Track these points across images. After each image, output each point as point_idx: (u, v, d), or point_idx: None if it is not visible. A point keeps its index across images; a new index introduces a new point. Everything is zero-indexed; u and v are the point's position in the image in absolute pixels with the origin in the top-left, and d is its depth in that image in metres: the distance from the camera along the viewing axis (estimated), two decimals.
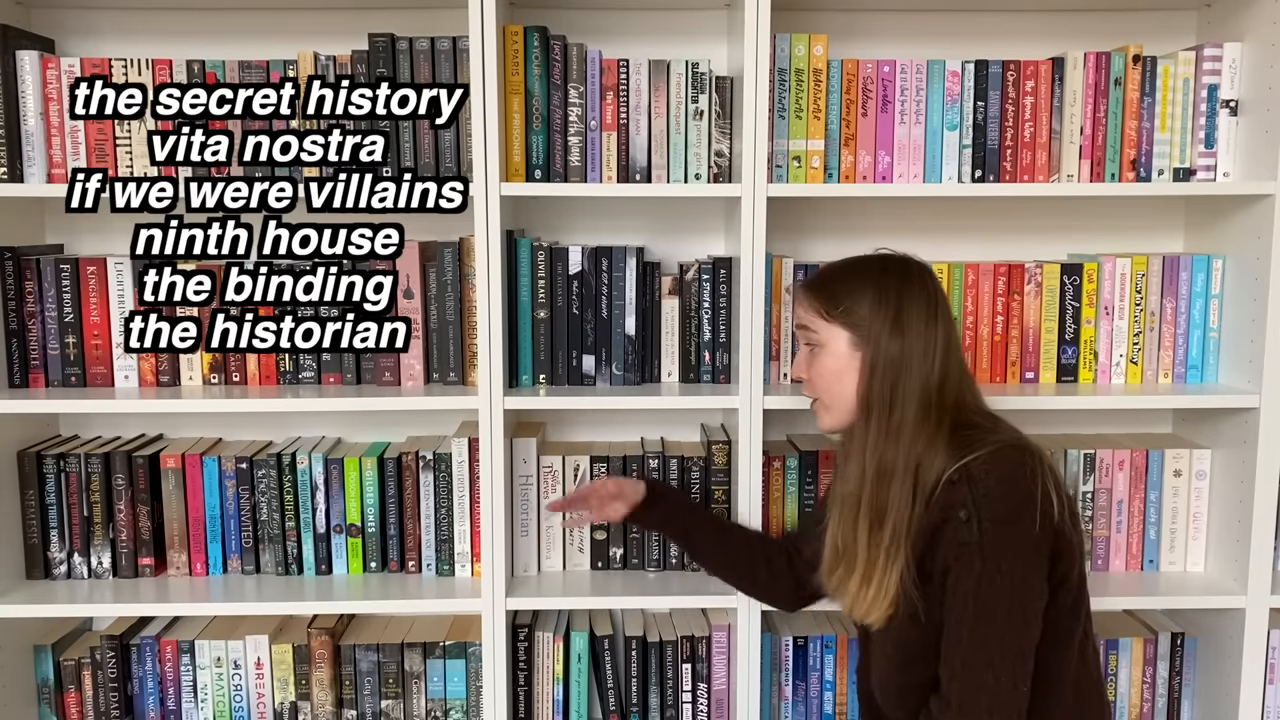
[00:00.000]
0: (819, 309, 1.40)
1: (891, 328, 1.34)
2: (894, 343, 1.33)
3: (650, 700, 1.85)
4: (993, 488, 1.25)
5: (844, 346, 1.38)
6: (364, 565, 1.84)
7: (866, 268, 1.40)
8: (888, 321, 1.34)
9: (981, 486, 1.26)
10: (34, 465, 1.79)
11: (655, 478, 1.81)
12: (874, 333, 1.35)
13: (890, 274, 1.37)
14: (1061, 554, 1.28)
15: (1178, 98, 1.77)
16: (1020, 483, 1.25)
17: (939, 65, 1.75)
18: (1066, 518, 1.28)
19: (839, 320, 1.38)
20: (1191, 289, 1.83)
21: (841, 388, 1.38)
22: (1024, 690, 1.25)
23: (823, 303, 1.40)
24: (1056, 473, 1.30)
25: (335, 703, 1.86)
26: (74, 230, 1.93)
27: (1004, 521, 1.25)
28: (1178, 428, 2.01)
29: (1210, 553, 1.87)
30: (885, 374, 1.34)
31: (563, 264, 1.77)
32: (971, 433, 1.33)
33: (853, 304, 1.36)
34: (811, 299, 1.42)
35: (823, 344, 1.40)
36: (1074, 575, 1.31)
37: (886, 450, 1.33)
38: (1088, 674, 1.37)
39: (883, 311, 1.35)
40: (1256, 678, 1.77)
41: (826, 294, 1.40)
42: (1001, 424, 1.38)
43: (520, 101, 1.71)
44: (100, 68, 1.70)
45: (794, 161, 1.75)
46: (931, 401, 1.33)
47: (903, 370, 1.33)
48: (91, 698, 1.85)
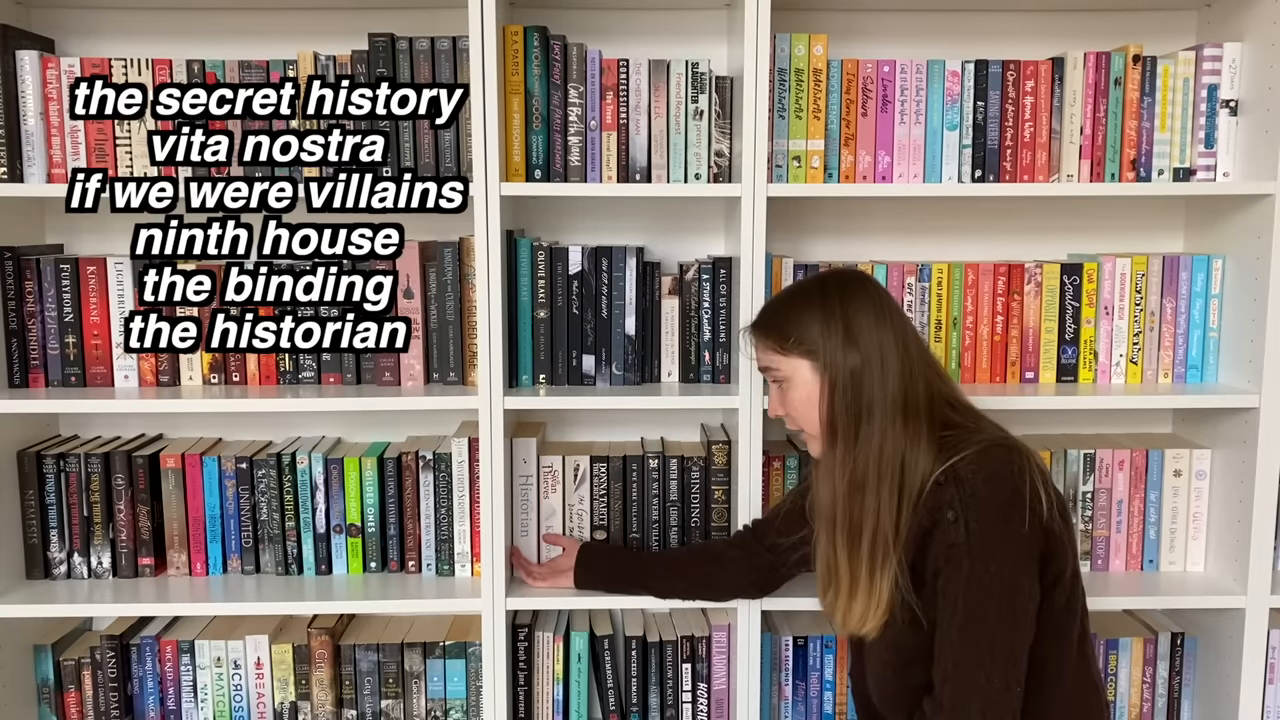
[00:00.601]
0: (773, 346, 1.41)
1: (844, 342, 1.35)
2: (850, 356, 1.35)
3: (650, 700, 1.85)
4: (979, 488, 1.26)
5: (808, 374, 1.38)
6: (364, 565, 1.84)
7: (807, 293, 1.42)
8: (838, 337, 1.35)
9: (968, 487, 1.26)
10: (34, 465, 1.79)
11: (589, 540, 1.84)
12: (829, 352, 1.36)
13: (830, 291, 1.39)
14: (1054, 553, 1.28)
15: (1178, 98, 1.77)
16: (1007, 481, 1.26)
17: (939, 65, 1.75)
18: (1056, 515, 1.28)
19: (795, 352, 1.38)
20: (1191, 289, 1.83)
21: (817, 414, 1.39)
22: (1017, 691, 1.25)
23: (775, 339, 1.41)
24: (1044, 470, 1.30)
25: (335, 703, 1.86)
26: (74, 230, 1.93)
27: (992, 521, 1.25)
28: (1178, 428, 2.01)
29: (1210, 553, 1.87)
30: (845, 389, 1.35)
31: (563, 264, 1.77)
32: (955, 433, 1.33)
33: (802, 332, 1.37)
34: (764, 338, 1.43)
35: (788, 378, 1.41)
36: (1067, 573, 1.31)
37: (856, 463, 1.34)
38: (1086, 672, 1.37)
39: (831, 329, 1.36)
40: (1256, 678, 1.77)
41: (776, 329, 1.41)
42: (984, 420, 1.38)
43: (520, 101, 1.71)
44: (100, 68, 1.70)
45: (794, 161, 1.75)
46: (901, 402, 1.33)
47: (864, 379, 1.34)
48: (91, 698, 1.85)
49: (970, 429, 1.34)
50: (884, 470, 1.32)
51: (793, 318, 1.39)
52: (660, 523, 1.84)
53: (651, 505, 1.84)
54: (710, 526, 1.81)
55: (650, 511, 1.84)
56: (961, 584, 1.25)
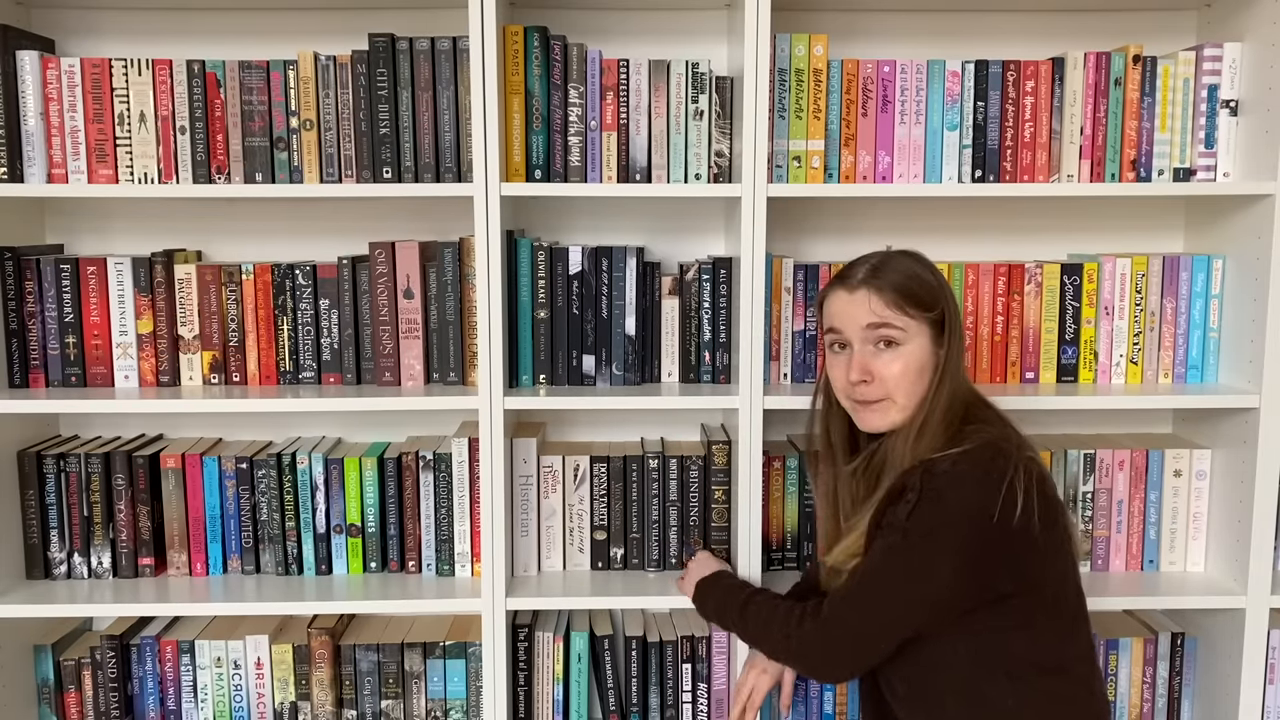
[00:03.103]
0: (906, 306, 1.40)
1: (958, 330, 1.42)
2: (958, 343, 1.41)
3: (650, 700, 1.85)
4: (942, 483, 1.30)
5: (928, 343, 1.40)
6: (364, 565, 1.84)
7: (931, 269, 1.45)
8: (958, 323, 1.42)
9: (936, 478, 1.30)
10: (34, 465, 1.79)
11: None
12: (951, 333, 1.41)
13: (941, 276, 1.45)
14: (1024, 554, 1.30)
15: (1178, 98, 1.77)
16: (974, 483, 1.29)
17: (939, 65, 1.75)
18: (1036, 521, 1.28)
19: (922, 318, 1.40)
20: (1191, 289, 1.83)
21: (923, 384, 1.40)
22: (871, 656, 1.37)
23: (912, 301, 1.41)
24: (1037, 476, 1.30)
25: (335, 703, 1.86)
26: (74, 230, 1.94)
27: (937, 512, 1.29)
28: (1178, 428, 2.01)
29: (1210, 553, 1.87)
30: (947, 374, 1.39)
31: (563, 264, 1.77)
32: (970, 428, 1.36)
33: (937, 303, 1.41)
34: (898, 297, 1.41)
35: (907, 340, 1.40)
36: (1049, 574, 1.32)
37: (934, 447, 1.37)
38: (1092, 679, 1.38)
39: (954, 312, 1.42)
40: (1256, 678, 1.77)
41: (909, 289, 1.41)
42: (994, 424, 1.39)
43: (520, 101, 1.71)
44: (100, 68, 1.70)
45: (794, 161, 1.75)
46: (957, 400, 1.39)
47: (957, 370, 1.41)
48: (91, 698, 1.85)
49: (970, 432, 1.36)
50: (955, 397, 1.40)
51: (930, 285, 1.42)
52: (660, 523, 1.84)
53: (651, 505, 1.84)
54: (710, 526, 1.81)
55: (650, 511, 1.84)
56: (882, 549, 1.34)
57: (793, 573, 1.86)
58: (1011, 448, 1.32)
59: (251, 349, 1.81)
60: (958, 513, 1.28)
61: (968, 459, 1.31)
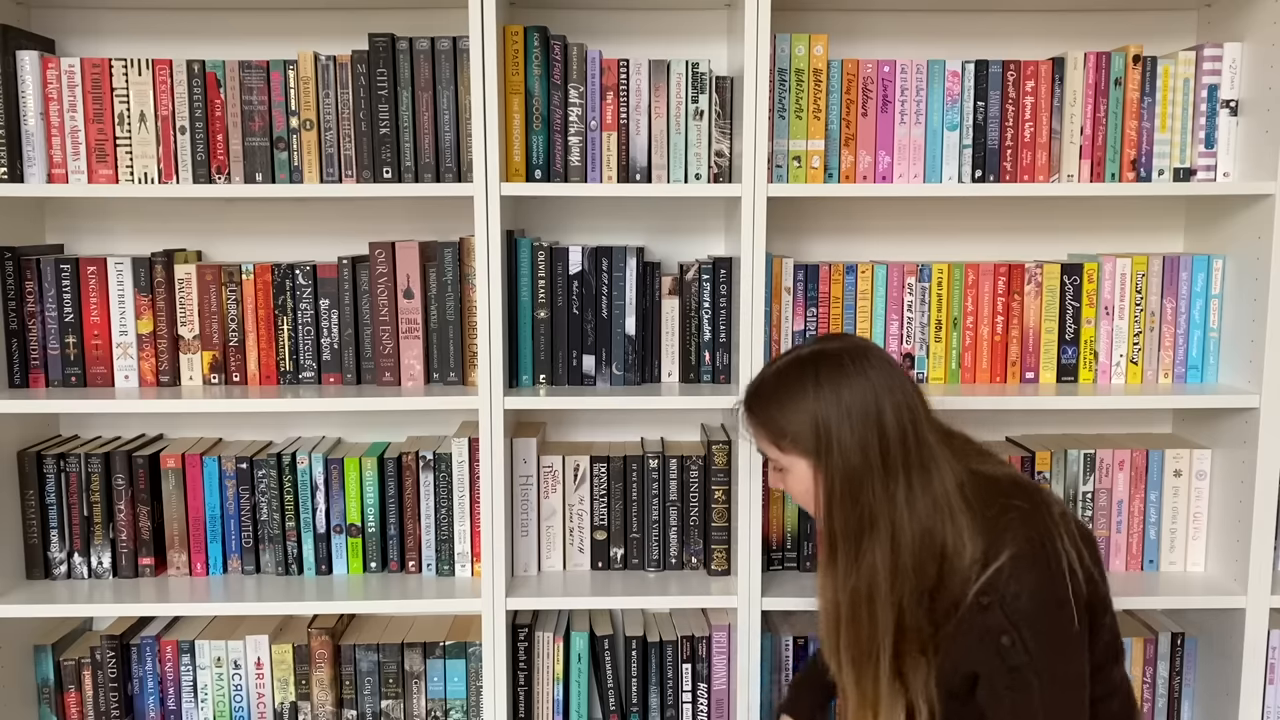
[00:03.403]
0: (768, 438, 1.35)
1: (839, 443, 1.27)
2: (847, 458, 1.27)
3: (650, 700, 1.85)
4: (1026, 606, 1.22)
5: (805, 470, 1.32)
6: (364, 565, 1.84)
7: (800, 380, 1.31)
8: (833, 437, 1.27)
9: (1014, 606, 1.22)
10: (34, 465, 1.79)
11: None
12: (823, 455, 1.28)
13: (823, 381, 1.29)
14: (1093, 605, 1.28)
15: (1178, 98, 1.77)
16: (1050, 589, 1.23)
17: (939, 65, 1.75)
18: (1082, 580, 1.24)
19: (791, 450, 1.32)
20: (1191, 289, 1.83)
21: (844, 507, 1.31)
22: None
23: (769, 433, 1.34)
24: (1066, 524, 1.26)
25: (335, 703, 1.86)
26: (74, 230, 1.94)
27: (1048, 636, 1.23)
28: (1178, 428, 2.01)
29: (1210, 553, 1.87)
30: (844, 497, 1.28)
31: (563, 264, 1.77)
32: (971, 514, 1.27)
33: (796, 429, 1.30)
34: (758, 428, 1.36)
35: (786, 469, 1.35)
36: (1106, 614, 1.32)
37: (859, 578, 1.28)
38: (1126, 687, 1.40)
39: (825, 428, 1.27)
40: (1256, 678, 1.77)
41: (771, 426, 1.33)
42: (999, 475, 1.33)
43: (520, 101, 1.71)
44: (100, 68, 1.70)
45: (794, 161, 1.75)
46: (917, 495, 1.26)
47: (864, 484, 1.27)
48: (91, 698, 1.85)
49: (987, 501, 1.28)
50: (894, 584, 1.27)
51: (786, 410, 1.31)
52: (660, 523, 1.84)
53: (651, 505, 1.84)
54: (710, 526, 1.81)
55: (650, 511, 1.84)
56: (1037, 700, 1.23)
57: (793, 572, 1.86)
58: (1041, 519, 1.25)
59: (251, 349, 1.81)
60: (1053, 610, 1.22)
61: (1027, 570, 1.22)
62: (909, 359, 1.83)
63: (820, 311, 1.81)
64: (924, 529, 1.26)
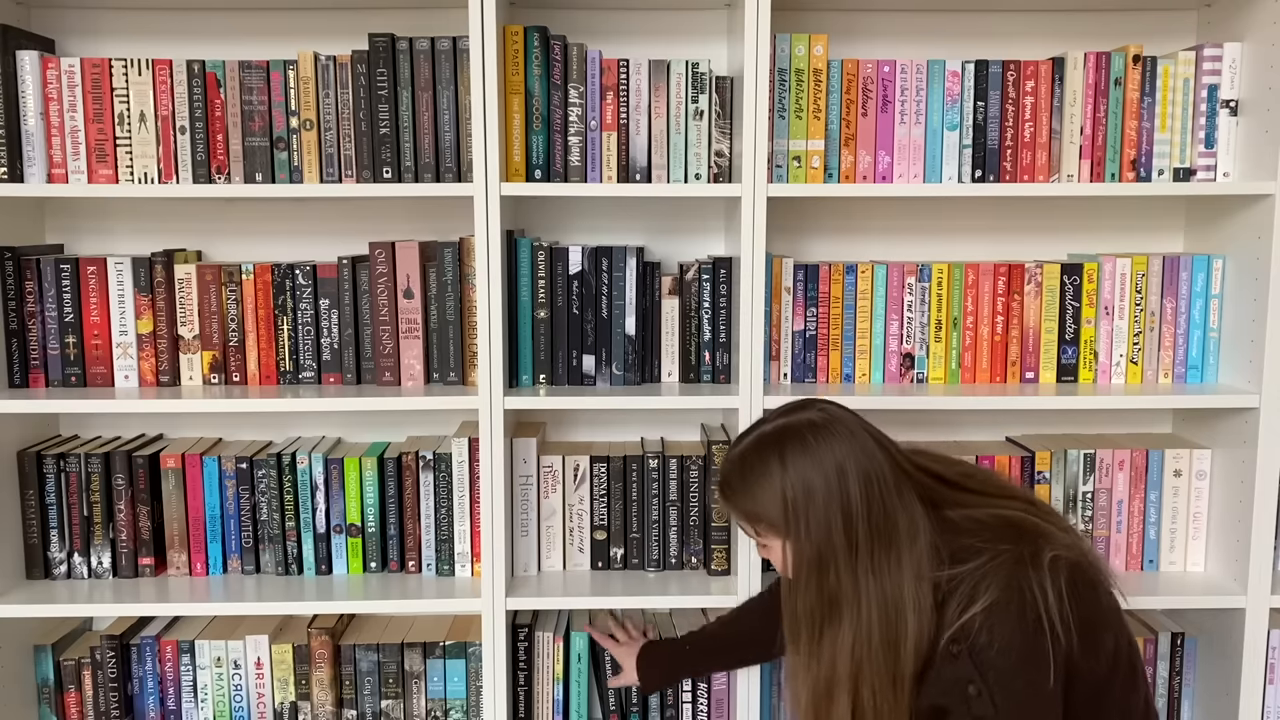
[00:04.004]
0: (743, 520, 1.37)
1: (803, 527, 1.27)
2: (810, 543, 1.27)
3: (650, 700, 1.85)
4: (996, 659, 1.19)
5: (784, 548, 1.33)
6: (364, 565, 1.84)
7: (766, 464, 1.30)
8: (798, 522, 1.28)
9: (985, 658, 1.20)
10: (34, 465, 1.79)
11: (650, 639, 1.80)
12: (797, 539, 1.28)
13: (788, 463, 1.29)
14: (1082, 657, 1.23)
15: (1178, 98, 1.77)
16: (1023, 640, 1.19)
17: (939, 65, 1.75)
18: (1074, 630, 1.20)
19: (767, 531, 1.33)
20: (1191, 289, 1.83)
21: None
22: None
23: (744, 516, 1.36)
24: (1057, 575, 1.20)
25: (335, 703, 1.86)
26: (74, 230, 1.94)
27: (1019, 689, 1.20)
28: (1178, 428, 2.01)
29: (1210, 553, 1.87)
30: (808, 583, 1.28)
31: (563, 264, 1.77)
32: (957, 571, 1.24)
33: (767, 513, 1.31)
34: (734, 512, 1.37)
35: (766, 545, 1.37)
36: (1107, 654, 1.25)
37: (821, 666, 1.29)
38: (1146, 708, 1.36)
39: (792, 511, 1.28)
40: (1256, 678, 1.77)
41: (742, 510, 1.35)
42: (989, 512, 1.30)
43: (520, 101, 1.71)
44: (100, 68, 1.70)
45: (794, 161, 1.75)
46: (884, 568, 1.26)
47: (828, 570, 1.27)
48: (91, 698, 1.85)
49: (972, 549, 1.25)
50: (855, 671, 1.26)
51: (754, 494, 1.31)
52: (660, 523, 1.84)
53: (651, 505, 1.84)
54: (710, 526, 1.81)
55: (650, 511, 1.84)
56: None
57: None
58: (1025, 562, 1.21)
59: (251, 349, 1.81)
60: (1026, 665, 1.19)
61: (1001, 622, 1.19)
62: (909, 359, 1.83)
63: (820, 311, 1.81)
64: (894, 606, 1.25)
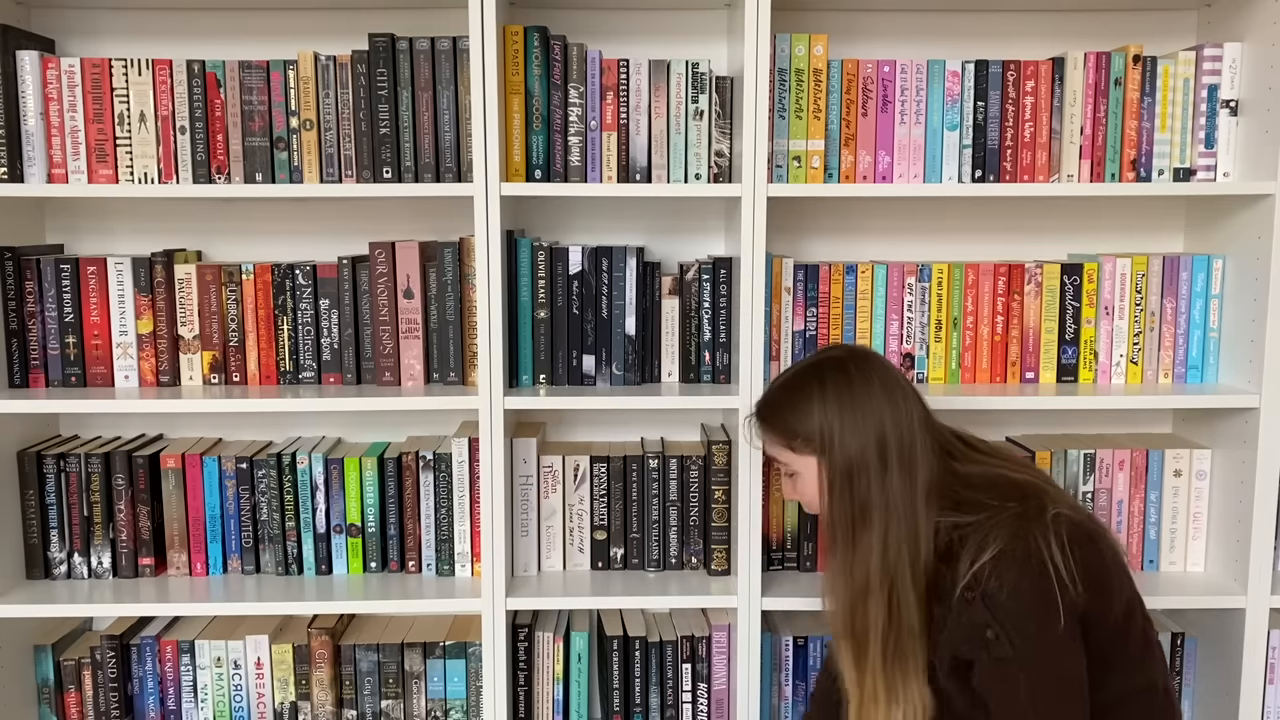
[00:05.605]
0: (780, 441, 1.42)
1: (841, 439, 1.34)
2: (845, 453, 1.34)
3: (651, 700, 1.85)
4: (1006, 601, 1.25)
5: (814, 468, 1.39)
6: (364, 565, 1.84)
7: (806, 383, 1.40)
8: (837, 434, 1.35)
9: (995, 601, 1.25)
10: (34, 465, 1.79)
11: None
12: (830, 451, 1.35)
13: (827, 380, 1.38)
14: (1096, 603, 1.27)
15: (1178, 98, 1.77)
16: (1031, 583, 1.24)
17: (939, 65, 1.75)
18: (1079, 580, 1.24)
19: (803, 450, 1.39)
20: (1191, 289, 1.83)
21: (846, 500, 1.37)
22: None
23: (781, 436, 1.42)
24: (1060, 530, 1.26)
25: (335, 703, 1.86)
26: (74, 230, 1.94)
27: (1032, 630, 1.25)
28: (1178, 428, 2.01)
29: (1210, 553, 1.87)
30: (842, 491, 1.35)
31: (563, 264, 1.77)
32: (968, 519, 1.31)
33: (806, 428, 1.37)
34: (769, 432, 1.44)
35: (798, 472, 1.42)
36: (1120, 604, 1.30)
37: (855, 570, 1.34)
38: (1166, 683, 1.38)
39: (831, 425, 1.35)
40: (1256, 678, 1.77)
41: (782, 427, 1.41)
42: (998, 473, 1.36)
43: (520, 101, 1.71)
44: (100, 68, 1.70)
45: (794, 161, 1.75)
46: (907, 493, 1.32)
47: (858, 479, 1.34)
48: (91, 698, 1.85)
49: (980, 503, 1.31)
50: (887, 575, 1.32)
51: (795, 412, 1.39)
52: (660, 523, 1.84)
53: (651, 505, 1.84)
54: (710, 526, 1.81)
55: (650, 511, 1.84)
56: (1025, 695, 1.25)
57: (793, 572, 1.86)
58: (1030, 517, 1.27)
59: (251, 349, 1.81)
60: (1036, 607, 1.24)
61: (1010, 568, 1.25)
62: (909, 359, 1.83)
63: (820, 311, 1.81)
64: (912, 526, 1.32)
